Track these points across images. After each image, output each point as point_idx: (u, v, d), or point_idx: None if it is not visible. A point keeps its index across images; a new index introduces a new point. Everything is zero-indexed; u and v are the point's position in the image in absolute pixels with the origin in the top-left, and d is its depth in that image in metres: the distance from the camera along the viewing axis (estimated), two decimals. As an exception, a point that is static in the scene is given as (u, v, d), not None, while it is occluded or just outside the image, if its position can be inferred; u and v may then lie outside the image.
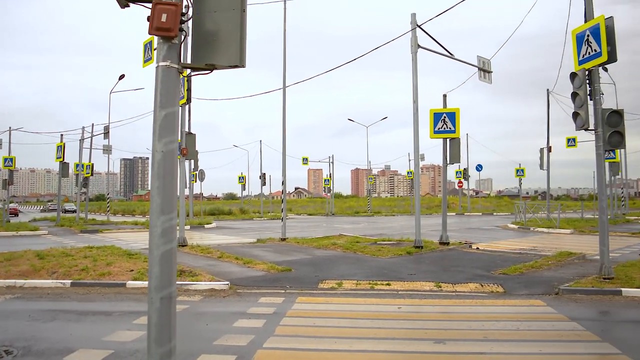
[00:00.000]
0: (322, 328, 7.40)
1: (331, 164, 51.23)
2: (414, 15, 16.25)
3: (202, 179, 37.04)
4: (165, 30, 3.68)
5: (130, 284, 10.77)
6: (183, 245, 17.29)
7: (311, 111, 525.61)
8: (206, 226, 30.86)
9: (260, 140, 50.93)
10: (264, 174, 48.14)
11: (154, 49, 6.56)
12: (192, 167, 31.93)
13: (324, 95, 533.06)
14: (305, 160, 49.10)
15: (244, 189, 53.13)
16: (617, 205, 37.32)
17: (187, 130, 18.63)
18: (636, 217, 35.26)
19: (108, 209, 41.29)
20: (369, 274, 11.92)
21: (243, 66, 3.82)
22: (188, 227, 27.76)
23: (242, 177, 50.40)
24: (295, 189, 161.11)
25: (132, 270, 11.74)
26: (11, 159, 30.92)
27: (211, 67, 3.89)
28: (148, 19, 3.74)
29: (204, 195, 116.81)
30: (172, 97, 3.83)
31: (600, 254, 10.87)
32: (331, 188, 51.65)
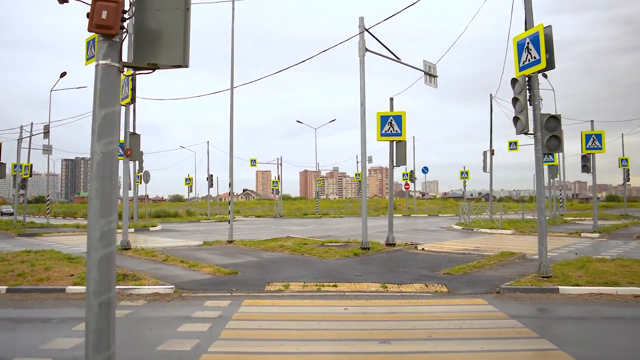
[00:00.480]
0: (269, 331, 7.37)
1: (280, 166, 51.19)
2: (361, 19, 16.41)
3: (147, 181, 36.20)
4: (105, 27, 3.58)
5: (71, 289, 10.41)
6: (126, 249, 16.87)
7: (260, 112, 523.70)
8: (151, 229, 30.20)
9: (208, 142, 50.49)
10: (211, 175, 47.62)
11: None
12: (137, 168, 31.35)
13: (274, 97, 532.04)
14: (253, 162, 48.84)
15: (191, 191, 52.18)
16: (555, 206, 38.77)
17: (131, 130, 18.20)
18: (573, 218, 36.72)
19: (48, 211, 39.87)
20: (316, 275, 11.95)
21: (186, 66, 3.75)
22: (132, 229, 27.12)
23: (189, 179, 49.55)
24: (244, 190, 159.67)
25: (73, 275, 11.36)
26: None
27: (154, 67, 3.81)
28: (88, 16, 3.62)
29: (150, 197, 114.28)
30: (112, 96, 3.73)
31: (539, 254, 11.26)
32: (279, 190, 51.48)
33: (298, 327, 7.58)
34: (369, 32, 16.42)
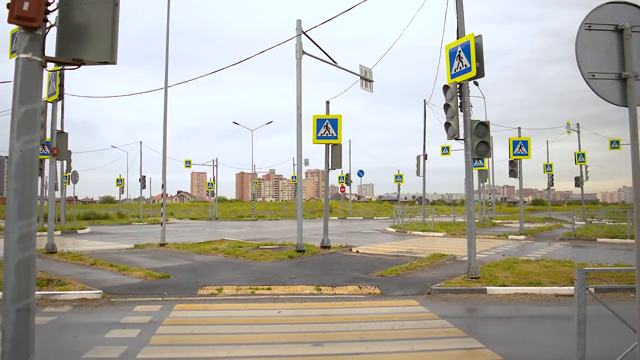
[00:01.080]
0: (201, 335, 7.22)
1: (215, 167, 50.45)
2: (299, 21, 16.44)
3: (75, 181, 34.86)
4: (27, 19, 3.39)
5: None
6: (52, 252, 16.16)
7: (197, 113, 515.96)
8: (79, 231, 29.06)
9: (141, 142, 49.03)
10: (144, 176, 46.26)
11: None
12: (65, 168, 30.09)
13: (211, 98, 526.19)
14: (188, 163, 47.78)
15: (123, 192, 50.70)
16: (485, 210, 40.10)
17: (58, 128, 17.44)
18: (502, 221, 38.13)
19: (-35, 212, 37.63)
20: (251, 278, 11.85)
21: (114, 63, 3.61)
22: (59, 232, 26.02)
23: (121, 180, 48.06)
24: (178, 192, 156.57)
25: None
26: None
27: (79, 62, 3.64)
28: (8, 7, 3.43)
29: (79, 198, 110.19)
30: (33, 92, 3.54)
31: (468, 255, 11.61)
32: (215, 192, 50.76)
33: (231, 331, 7.48)
34: (306, 34, 16.47)
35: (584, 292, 4.22)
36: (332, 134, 17.40)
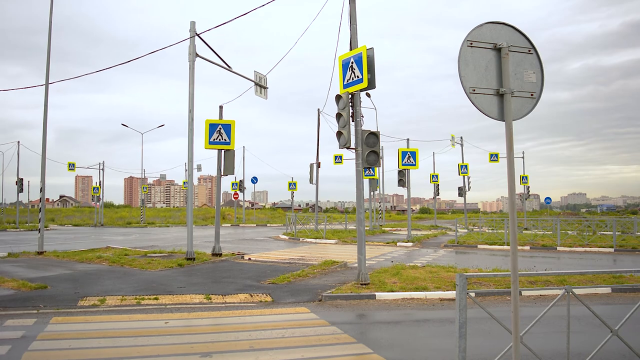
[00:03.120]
0: (79, 350, 6.76)
1: (102, 171, 47.99)
2: (193, 23, 16.08)
3: (-60, 184, 31.72)
4: None
5: None
6: None
7: (83, 114, 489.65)
8: (-56, 239, 26.50)
9: (19, 142, 45.50)
10: (21, 179, 42.93)
11: None
12: None
13: (99, 98, 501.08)
14: (72, 166, 45.06)
15: (-3, 197, 46.85)
16: (375, 217, 41.34)
17: None
18: (391, 228, 39.45)
19: None
20: (137, 288, 11.34)
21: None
22: None
23: (-5, 183, 44.42)
24: (61, 197, 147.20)
25: None
26: None
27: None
28: None
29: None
30: None
31: (358, 262, 11.86)
32: (101, 197, 48.29)
33: (113, 345, 7.07)
34: (200, 37, 16.15)
35: (465, 296, 4.41)
36: (225, 140, 17.15)
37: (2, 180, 47.97)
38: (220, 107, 18.34)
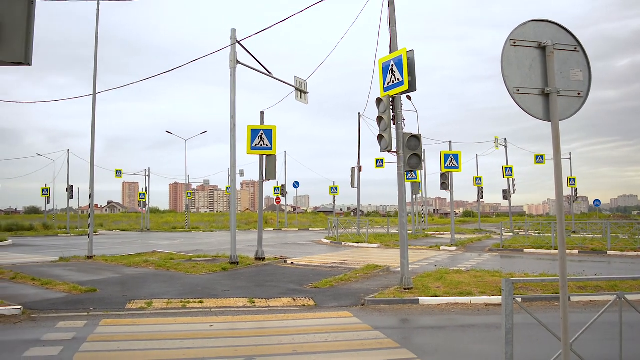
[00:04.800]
0: (127, 352, 6.92)
1: (147, 177, 49.13)
2: (234, 30, 16.31)
3: (-4, 191, 33.07)
4: None
5: None
6: (-32, 266, 15.21)
7: (128, 122, 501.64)
8: (0, 243, 27.54)
9: (68, 150, 47.03)
10: (72, 186, 44.44)
11: None
12: (-16, 177, 28.46)
13: (143, 106, 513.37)
14: (119, 173, 46.31)
15: (49, 203, 48.45)
16: (418, 221, 41.00)
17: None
18: (434, 232, 39.02)
19: None
20: (182, 292, 11.53)
21: (29, 64, 3.39)
22: (-23, 245, 24.56)
23: (47, 189, 45.99)
24: (109, 203, 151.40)
25: None
26: None
27: (-11, 63, 3.40)
28: None
29: (1, 208, 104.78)
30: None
31: (401, 266, 11.75)
32: (147, 202, 49.41)
33: (160, 347, 7.21)
34: (240, 44, 16.35)
35: (511, 302, 4.31)
36: (267, 145, 17.29)
37: (53, 187, 49.72)
38: (262, 113, 18.52)
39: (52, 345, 7.14)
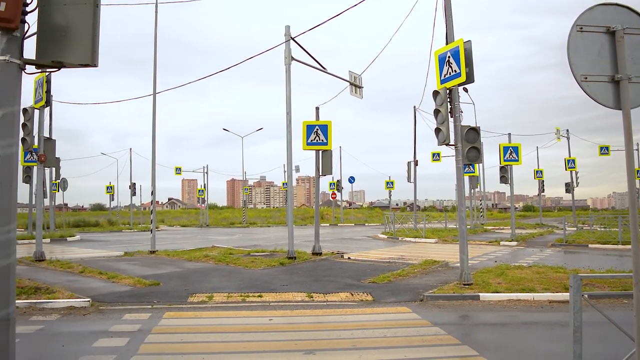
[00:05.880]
0: (190, 344, 7.08)
1: (206, 174, 50.21)
2: (288, 27, 16.39)
3: (64, 189, 34.54)
4: (4, 20, 3.28)
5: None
6: (40, 260, 15.98)
7: (185, 120, 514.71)
8: (69, 239, 28.78)
9: (130, 149, 48.63)
10: (134, 183, 46.05)
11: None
12: (53, 175, 29.84)
13: (199, 105, 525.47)
14: (178, 170, 47.60)
15: (113, 200, 50.35)
16: (476, 215, 40.19)
17: (46, 135, 17.27)
18: (493, 227, 38.13)
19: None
20: (241, 286, 11.72)
21: (95, 65, 3.51)
22: (48, 240, 25.79)
23: (111, 187, 47.78)
24: (169, 199, 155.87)
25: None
26: None
27: (59, 65, 3.54)
28: (-17, 7, 3.32)
29: (69, 206, 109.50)
30: (11, 95, 3.43)
31: (461, 262, 11.53)
32: (206, 199, 50.52)
33: (221, 340, 7.36)
34: (294, 40, 16.42)
35: (580, 298, 4.15)
36: (322, 140, 17.32)
37: (117, 185, 51.55)
38: (317, 109, 18.56)
39: (119, 337, 7.39)
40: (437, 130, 11.72)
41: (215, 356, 6.45)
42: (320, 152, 17.71)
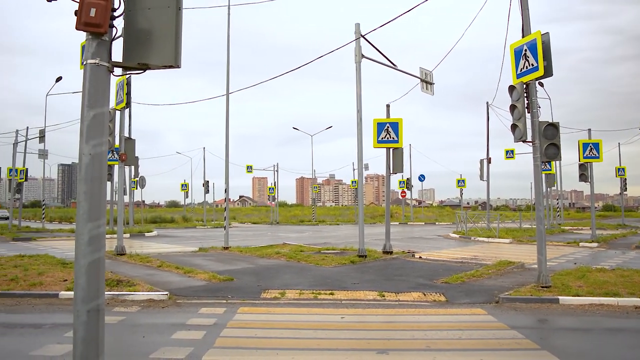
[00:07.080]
0: (264, 339, 7.21)
1: (276, 173, 50.99)
2: (357, 25, 16.34)
3: (142, 186, 36.07)
4: (94, 26, 3.45)
5: (64, 294, 10.23)
6: (121, 254, 16.72)
7: (256, 120, 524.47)
8: (147, 234, 30.01)
9: (204, 148, 50.11)
10: (207, 181, 47.41)
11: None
12: (133, 173, 31.16)
13: (269, 104, 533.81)
14: (249, 169, 48.61)
15: (187, 197, 52.21)
16: (552, 215, 38.68)
17: (126, 135, 18.05)
18: (571, 227, 36.58)
19: (43, 215, 39.50)
20: (313, 283, 11.79)
21: (178, 66, 3.62)
22: (127, 235, 26.97)
23: (185, 185, 49.48)
24: (240, 197, 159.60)
25: (66, 280, 11.20)
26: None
27: (144, 67, 3.68)
28: (76, 14, 3.50)
29: (146, 202, 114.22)
30: (101, 96, 3.60)
31: (538, 263, 11.11)
32: (276, 196, 51.29)
33: (294, 336, 7.43)
34: (364, 38, 16.35)
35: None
36: (393, 138, 17.18)
37: (191, 183, 53.34)
38: (387, 106, 18.40)
39: (196, 330, 7.61)
40: (514, 127, 11.36)
41: (289, 352, 6.51)
42: (391, 150, 17.57)
